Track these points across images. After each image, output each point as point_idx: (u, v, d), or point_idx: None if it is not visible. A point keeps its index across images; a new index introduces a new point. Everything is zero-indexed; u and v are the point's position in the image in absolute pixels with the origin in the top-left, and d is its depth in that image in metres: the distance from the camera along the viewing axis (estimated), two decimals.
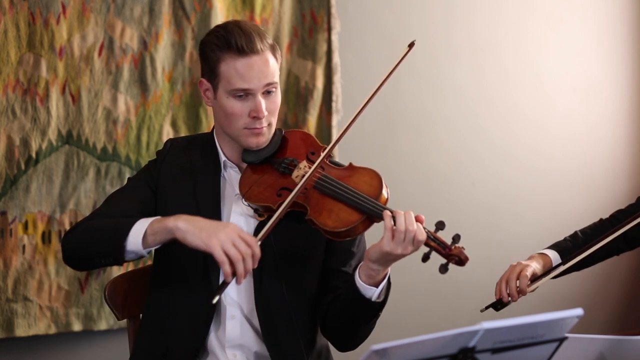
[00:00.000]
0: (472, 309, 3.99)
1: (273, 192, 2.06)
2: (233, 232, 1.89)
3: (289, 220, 2.05)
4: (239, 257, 1.87)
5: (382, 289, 2.01)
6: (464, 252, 1.93)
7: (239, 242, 1.88)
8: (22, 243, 3.06)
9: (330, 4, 3.51)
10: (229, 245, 1.87)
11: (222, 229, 1.90)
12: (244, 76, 2.05)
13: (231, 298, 2.11)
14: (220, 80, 2.08)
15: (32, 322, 3.07)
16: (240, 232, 1.90)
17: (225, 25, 2.11)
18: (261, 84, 2.06)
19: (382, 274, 2.00)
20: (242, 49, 2.04)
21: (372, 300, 2.00)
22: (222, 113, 2.10)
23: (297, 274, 2.12)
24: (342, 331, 2.12)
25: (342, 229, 1.98)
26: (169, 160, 2.20)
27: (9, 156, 3.03)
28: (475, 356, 1.53)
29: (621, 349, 1.87)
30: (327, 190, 2.02)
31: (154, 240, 1.98)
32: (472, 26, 3.93)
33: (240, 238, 1.89)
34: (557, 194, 4.12)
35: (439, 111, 3.87)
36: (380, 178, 2.04)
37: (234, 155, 2.16)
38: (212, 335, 2.11)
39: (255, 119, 2.07)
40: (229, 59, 2.05)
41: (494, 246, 3.99)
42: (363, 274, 2.00)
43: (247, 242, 1.89)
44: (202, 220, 1.95)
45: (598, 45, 4.20)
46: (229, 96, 2.07)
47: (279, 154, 2.14)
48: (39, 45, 3.05)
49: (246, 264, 1.88)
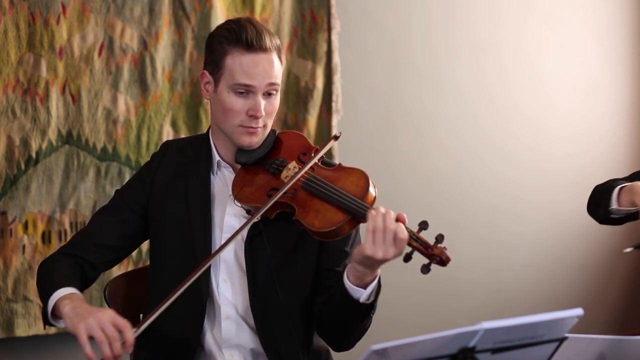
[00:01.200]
0: (472, 309, 4.01)
1: (263, 192, 2.07)
2: (104, 318, 1.89)
3: (282, 221, 2.06)
4: (104, 340, 1.87)
5: (371, 290, 1.98)
6: (445, 252, 1.91)
7: (107, 326, 1.88)
8: (22, 243, 3.06)
9: (330, 4, 3.51)
10: (95, 328, 1.87)
11: (94, 314, 1.90)
12: (248, 72, 2.05)
13: (226, 298, 2.11)
14: (223, 73, 2.08)
15: (32, 322, 3.07)
16: (114, 318, 1.90)
17: (238, 19, 2.13)
18: (264, 82, 2.07)
19: (371, 276, 1.97)
20: (250, 44, 2.05)
21: (360, 301, 1.98)
22: (220, 107, 2.10)
23: (291, 274, 2.11)
24: (336, 331, 2.12)
25: (328, 229, 1.97)
26: (165, 163, 2.21)
27: (9, 156, 3.03)
28: (475, 356, 1.53)
29: (621, 349, 1.87)
30: (315, 190, 2.02)
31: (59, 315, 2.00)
32: (472, 26, 3.93)
33: (110, 323, 1.89)
34: (557, 194, 4.12)
35: (439, 111, 3.87)
36: (367, 178, 2.02)
37: (228, 155, 2.17)
38: (209, 336, 2.12)
39: (252, 118, 2.07)
40: (236, 52, 2.06)
41: (494, 246, 3.99)
42: (351, 275, 1.98)
43: (118, 326, 1.89)
44: (84, 308, 1.96)
45: (598, 45, 4.20)
46: (229, 91, 2.07)
47: (271, 155, 2.14)
48: (39, 45, 3.05)
49: (113, 348, 1.87)
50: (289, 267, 2.11)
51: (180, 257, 2.11)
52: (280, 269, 2.10)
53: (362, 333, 2.12)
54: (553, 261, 4.11)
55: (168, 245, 2.15)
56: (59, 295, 2.00)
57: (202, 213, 2.13)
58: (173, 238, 2.15)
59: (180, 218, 2.14)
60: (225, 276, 2.12)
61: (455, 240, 3.81)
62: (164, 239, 2.16)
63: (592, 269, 4.20)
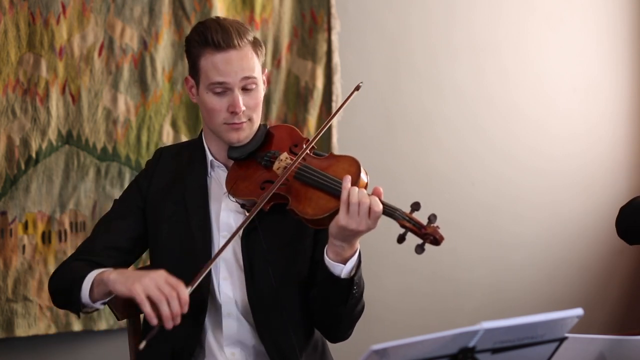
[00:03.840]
0: (472, 309, 4.01)
1: (257, 185, 2.08)
2: (158, 277, 1.89)
3: (277, 214, 2.07)
4: (162, 299, 1.86)
5: (352, 266, 2.00)
6: (439, 231, 1.91)
7: (163, 285, 1.87)
8: (22, 243, 3.06)
9: (330, 4, 3.51)
10: (152, 287, 1.87)
11: (147, 275, 1.90)
12: (221, 70, 2.08)
13: (226, 296, 2.12)
14: (200, 75, 2.12)
15: (32, 322, 3.07)
16: (167, 277, 1.90)
17: (204, 21, 2.16)
18: (237, 77, 2.09)
19: (350, 251, 1.99)
20: (218, 44, 2.08)
21: (341, 277, 1.99)
22: (204, 108, 2.14)
23: (286, 267, 2.12)
24: (326, 318, 2.12)
25: (321, 216, 1.98)
26: (160, 168, 2.23)
27: (9, 156, 3.03)
28: (475, 356, 1.53)
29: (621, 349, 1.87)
30: (307, 179, 2.04)
31: (98, 293, 2.01)
32: (472, 26, 3.93)
33: (165, 282, 1.88)
34: (557, 194, 4.12)
35: (439, 111, 3.87)
36: (358, 164, 2.03)
37: (221, 154, 2.19)
38: (210, 335, 2.12)
39: (233, 114, 2.10)
40: (207, 54, 2.09)
41: (494, 246, 3.99)
42: (330, 251, 2.00)
43: (173, 285, 1.88)
44: (131, 271, 1.98)
45: (598, 45, 4.20)
46: (208, 91, 2.11)
47: (263, 148, 2.16)
48: (39, 45, 3.05)
49: (171, 306, 1.86)
50: (285, 260, 2.12)
51: (180, 258, 2.12)
52: (277, 262, 2.11)
53: (353, 319, 2.12)
54: (553, 261, 4.11)
55: (167, 246, 2.16)
56: (96, 273, 2.01)
57: (201, 213, 2.14)
58: (172, 239, 2.16)
59: (178, 220, 2.15)
60: (226, 274, 2.13)
61: (455, 240, 3.84)
62: (163, 241, 2.17)
63: (592, 269, 4.20)
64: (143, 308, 1.86)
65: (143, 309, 1.86)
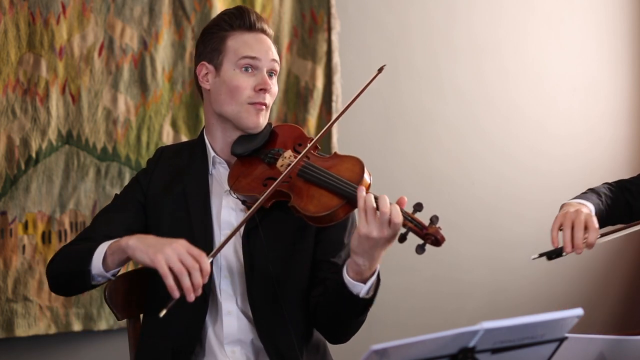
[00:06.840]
0: (472, 309, 4.01)
1: (259, 182, 2.08)
2: (180, 247, 1.86)
3: (278, 212, 2.07)
4: (184, 271, 1.84)
5: (370, 285, 1.99)
6: (440, 232, 1.91)
7: (185, 257, 1.85)
8: (22, 243, 3.06)
9: (330, 4, 3.52)
10: (174, 259, 1.84)
11: (169, 245, 1.87)
12: (254, 47, 2.12)
13: (227, 294, 2.12)
14: (226, 54, 2.12)
15: (32, 322, 3.07)
16: (189, 248, 1.87)
17: (231, 8, 2.20)
18: (268, 57, 2.13)
19: (370, 271, 1.97)
20: (253, 25, 2.13)
21: (359, 296, 1.99)
22: (226, 89, 2.12)
23: (287, 265, 2.12)
24: (333, 325, 2.12)
25: (322, 213, 1.98)
26: (161, 166, 2.23)
27: (9, 156, 3.03)
28: (475, 356, 1.53)
29: (621, 349, 1.87)
30: (310, 177, 2.03)
31: (113, 261, 1.98)
32: (472, 26, 3.93)
33: (187, 253, 1.86)
34: (557, 194, 4.11)
35: (439, 111, 3.87)
36: (362, 164, 2.04)
37: (225, 150, 2.18)
38: (210, 333, 2.12)
39: (260, 92, 2.11)
40: (237, 34, 2.13)
41: (494, 246, 3.99)
42: (351, 269, 1.98)
43: (195, 256, 1.86)
44: (152, 238, 1.94)
45: (598, 45, 4.20)
46: (235, 68, 2.12)
47: (267, 146, 2.16)
48: (39, 45, 3.05)
49: (193, 278, 1.85)
50: (286, 259, 2.12)
51: None
52: (278, 261, 2.10)
53: (359, 326, 2.12)
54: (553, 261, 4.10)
55: None
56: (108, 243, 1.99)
57: (202, 211, 2.14)
58: (173, 236, 2.14)
59: (179, 217, 2.15)
60: (227, 272, 2.13)
61: (455, 240, 3.83)
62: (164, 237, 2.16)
63: (592, 269, 4.20)
64: (166, 280, 1.84)
65: (165, 282, 1.84)
